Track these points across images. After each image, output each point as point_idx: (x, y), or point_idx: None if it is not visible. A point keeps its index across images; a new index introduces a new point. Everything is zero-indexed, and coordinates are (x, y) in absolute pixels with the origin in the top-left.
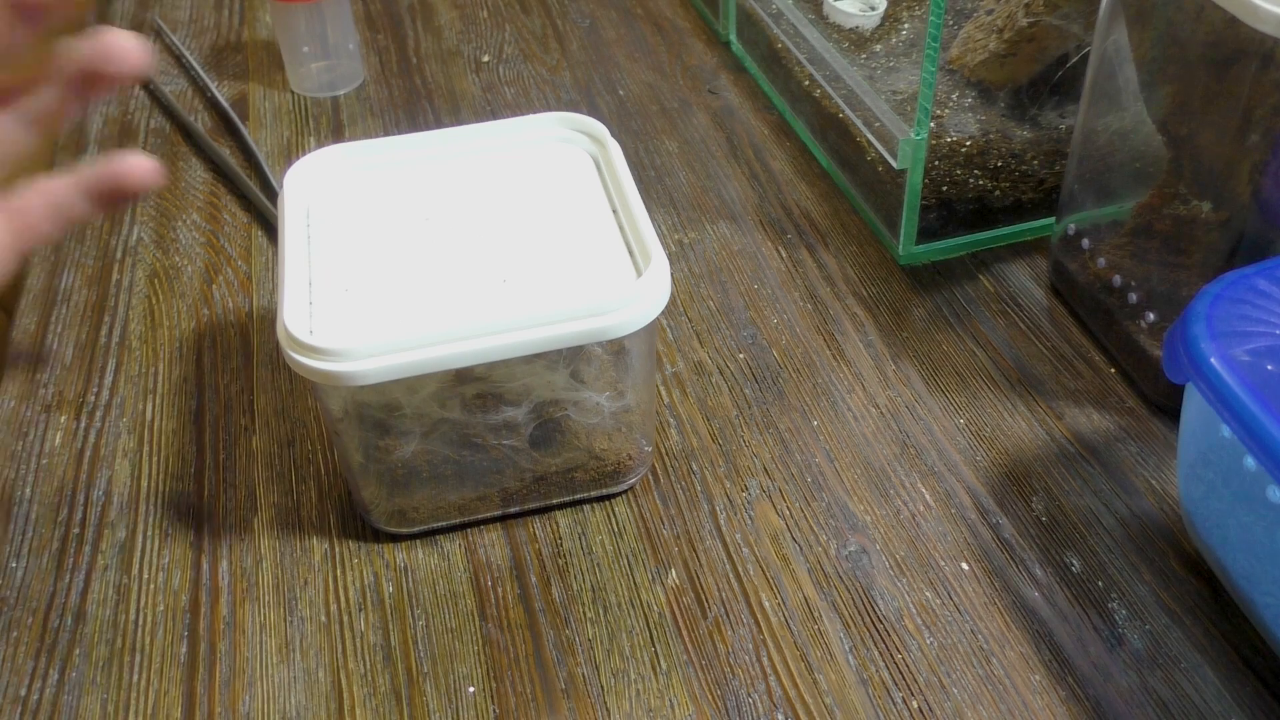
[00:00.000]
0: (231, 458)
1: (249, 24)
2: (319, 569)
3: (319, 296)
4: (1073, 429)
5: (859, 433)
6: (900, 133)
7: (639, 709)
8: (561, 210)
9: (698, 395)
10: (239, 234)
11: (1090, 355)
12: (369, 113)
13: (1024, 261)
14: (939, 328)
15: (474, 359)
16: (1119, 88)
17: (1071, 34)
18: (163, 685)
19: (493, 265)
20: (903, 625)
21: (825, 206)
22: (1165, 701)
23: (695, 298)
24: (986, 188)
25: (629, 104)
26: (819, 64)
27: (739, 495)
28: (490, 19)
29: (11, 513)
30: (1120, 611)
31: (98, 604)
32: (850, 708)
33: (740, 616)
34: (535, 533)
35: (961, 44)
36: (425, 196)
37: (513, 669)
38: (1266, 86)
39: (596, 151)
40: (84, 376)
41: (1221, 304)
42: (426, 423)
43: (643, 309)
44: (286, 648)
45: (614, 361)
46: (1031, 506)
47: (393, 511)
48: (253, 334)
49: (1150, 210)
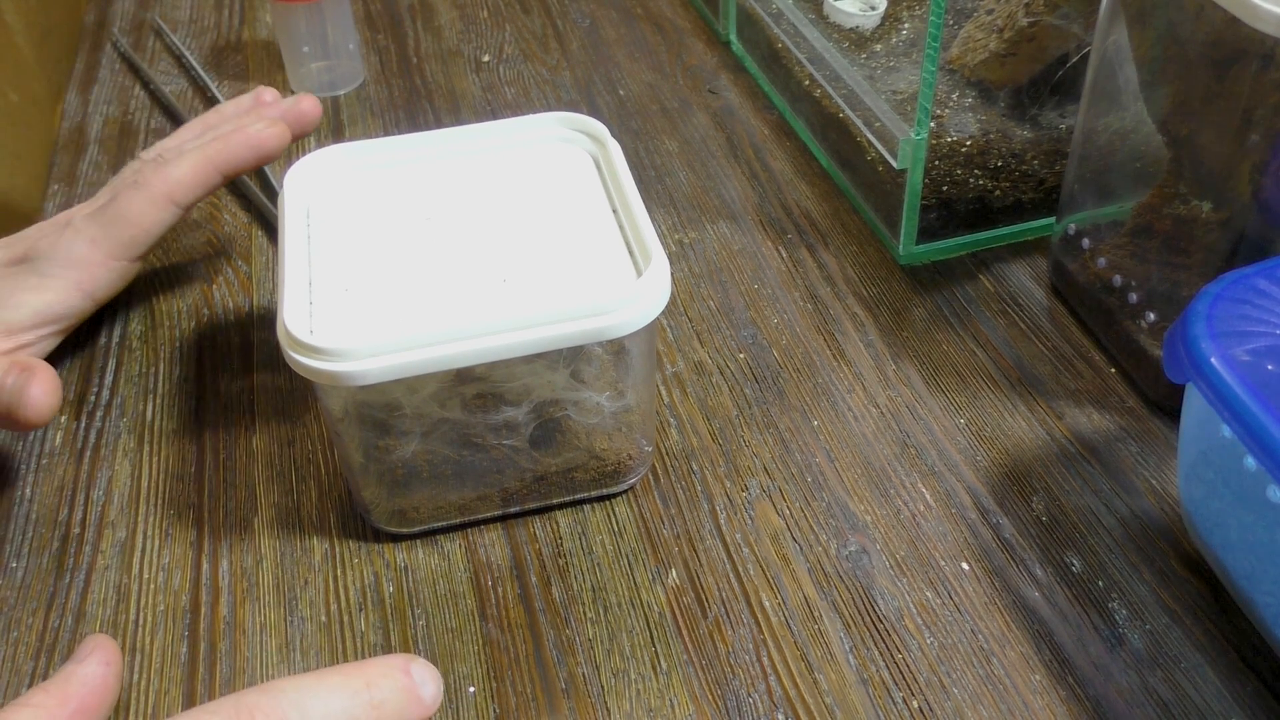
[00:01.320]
0: (231, 458)
1: (249, 24)
2: (319, 569)
3: (319, 296)
4: (1073, 429)
5: (859, 432)
6: (900, 132)
7: (639, 709)
8: (562, 210)
9: (698, 395)
10: (239, 234)
11: (1090, 355)
12: (369, 113)
13: (1024, 261)
14: (939, 328)
15: (474, 359)
16: (1119, 88)
17: (1072, 34)
18: (163, 685)
19: (493, 265)
20: (903, 625)
21: (825, 206)
22: (1166, 701)
23: (695, 297)
24: (987, 187)
25: (629, 104)
26: (819, 64)
27: (739, 495)
28: (490, 19)
29: (11, 513)
30: (1121, 611)
31: (98, 604)
32: (850, 708)
33: (740, 616)
34: (535, 533)
35: (962, 44)
36: (425, 196)
37: (513, 669)
38: (1266, 86)
39: (597, 151)
40: (84, 376)
41: (1221, 304)
42: (427, 423)
43: (643, 309)
44: (287, 647)
45: (614, 361)
46: (1032, 506)
47: (393, 511)
48: (253, 334)
49: (1150, 210)
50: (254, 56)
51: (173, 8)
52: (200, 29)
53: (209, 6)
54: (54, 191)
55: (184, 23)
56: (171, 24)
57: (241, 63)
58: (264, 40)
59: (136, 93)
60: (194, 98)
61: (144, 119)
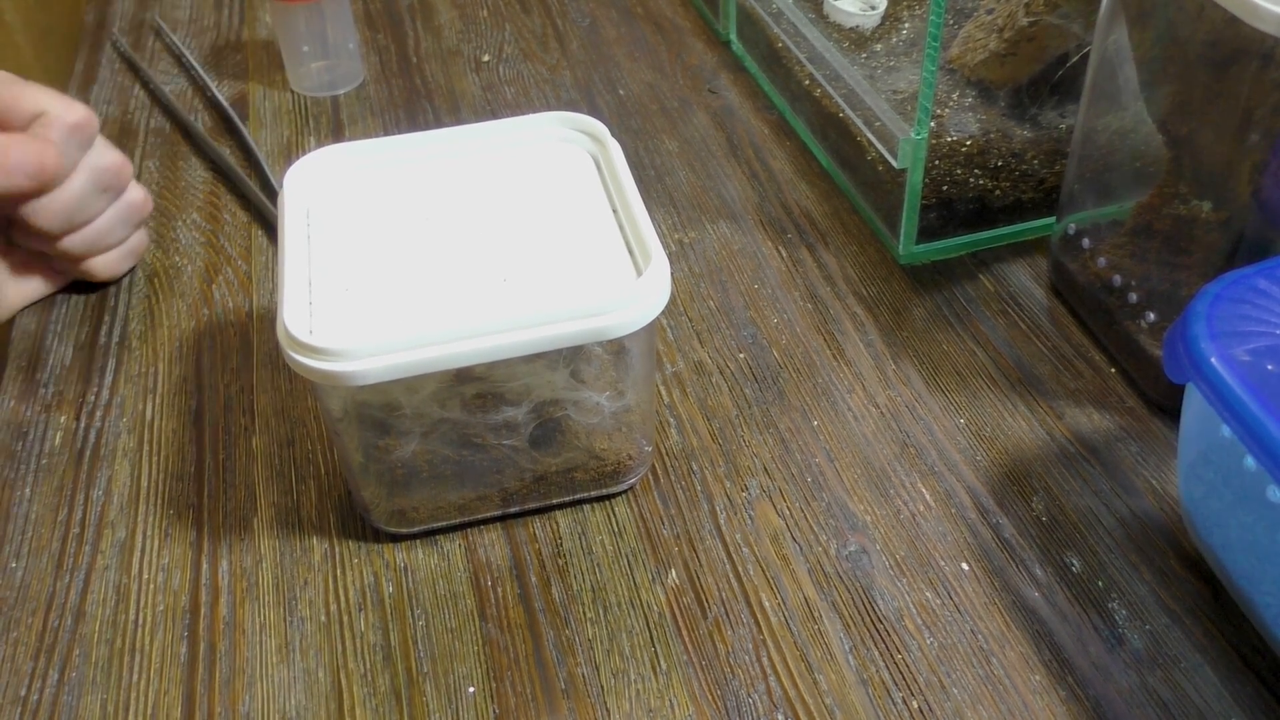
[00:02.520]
0: (231, 458)
1: (249, 24)
2: (319, 569)
3: (319, 296)
4: (1073, 429)
5: (859, 432)
6: (900, 132)
7: (639, 709)
8: (562, 210)
9: (698, 395)
10: (239, 234)
11: (1090, 355)
12: (369, 112)
13: (1024, 261)
14: (939, 327)
15: (474, 359)
16: (1119, 87)
17: (1072, 33)
18: (163, 685)
19: (493, 265)
20: (903, 625)
21: (825, 206)
22: (1165, 701)
23: (695, 297)
24: (987, 187)
25: (629, 103)
26: (819, 63)
27: (739, 495)
28: (490, 18)
29: (11, 513)
30: (1120, 611)
31: (97, 604)
32: (850, 708)
33: (740, 616)
34: (535, 533)
35: (962, 43)
36: (425, 196)
37: (513, 669)
38: (1266, 86)
39: (597, 151)
40: (84, 376)
41: (1221, 304)
42: (426, 422)
43: (643, 309)
44: (286, 648)
45: (614, 361)
46: (1031, 506)
47: (392, 511)
48: (253, 334)
49: (1150, 210)
50: (254, 56)
51: (173, 8)
52: (200, 29)
53: (209, 6)
54: None
55: (184, 23)
56: (171, 24)
57: (241, 62)
58: (264, 40)
59: (136, 93)
60: (194, 98)
61: (144, 119)
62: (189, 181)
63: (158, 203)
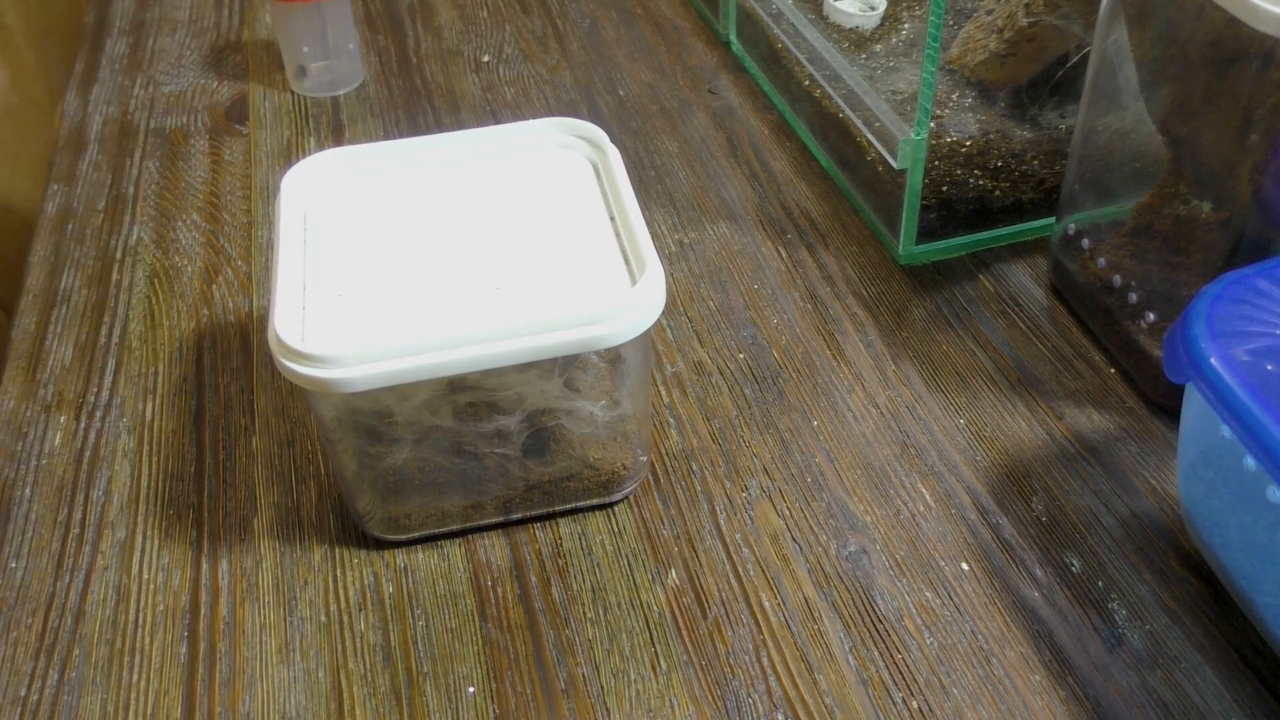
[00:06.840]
0: (231, 458)
1: (249, 24)
2: (319, 569)
3: (312, 302)
4: (1073, 429)
5: (859, 433)
6: (900, 133)
7: (639, 709)
8: (558, 217)
9: (698, 395)
10: (239, 234)
11: (1090, 355)
12: (369, 113)
13: (1024, 261)
14: (939, 328)
15: (466, 367)
16: (1119, 88)
17: (1071, 34)
18: (162, 685)
19: (487, 272)
20: (903, 625)
21: (825, 206)
22: (1165, 702)
23: (695, 298)
24: (986, 188)
25: (629, 104)
26: (819, 64)
27: (739, 495)
28: (490, 19)
29: (11, 513)
30: (1120, 611)
31: (97, 604)
32: (850, 708)
33: (740, 617)
34: (535, 534)
35: (961, 44)
36: (423, 202)
37: (513, 669)
38: (1266, 86)
39: (596, 158)
40: (84, 376)
41: (1221, 304)
42: (418, 430)
43: (637, 318)
44: (286, 648)
45: (608, 370)
46: (1031, 506)
47: (386, 518)
48: (253, 334)
49: (1150, 210)
50: (254, 56)
51: (173, 8)
52: (200, 29)
53: (209, 6)
54: (54, 191)
55: (184, 23)
56: (171, 24)
57: (241, 63)
58: (264, 40)
59: (136, 93)
60: (194, 98)
61: (144, 119)
62: (189, 181)
63: (159, 203)
